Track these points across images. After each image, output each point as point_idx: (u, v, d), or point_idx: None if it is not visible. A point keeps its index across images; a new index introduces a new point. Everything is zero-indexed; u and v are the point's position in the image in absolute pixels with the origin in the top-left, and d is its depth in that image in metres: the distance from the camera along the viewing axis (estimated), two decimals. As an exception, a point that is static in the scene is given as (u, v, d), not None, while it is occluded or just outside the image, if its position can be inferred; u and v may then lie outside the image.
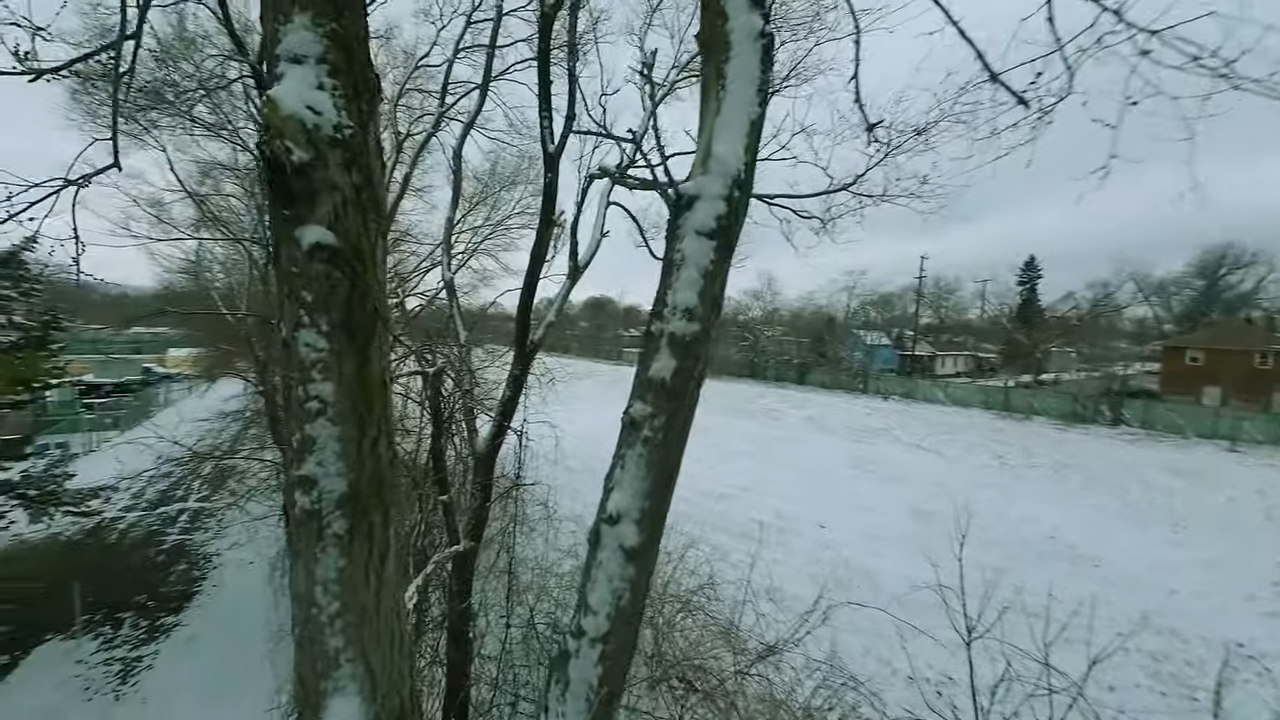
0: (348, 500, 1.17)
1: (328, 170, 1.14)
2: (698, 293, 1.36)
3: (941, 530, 16.12)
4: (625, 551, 1.33)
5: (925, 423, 30.84)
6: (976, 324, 64.18)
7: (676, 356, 1.34)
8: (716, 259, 1.39)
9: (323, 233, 1.15)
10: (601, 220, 7.33)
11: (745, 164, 1.46)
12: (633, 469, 1.36)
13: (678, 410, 1.36)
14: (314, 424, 1.15)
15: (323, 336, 1.16)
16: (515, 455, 6.83)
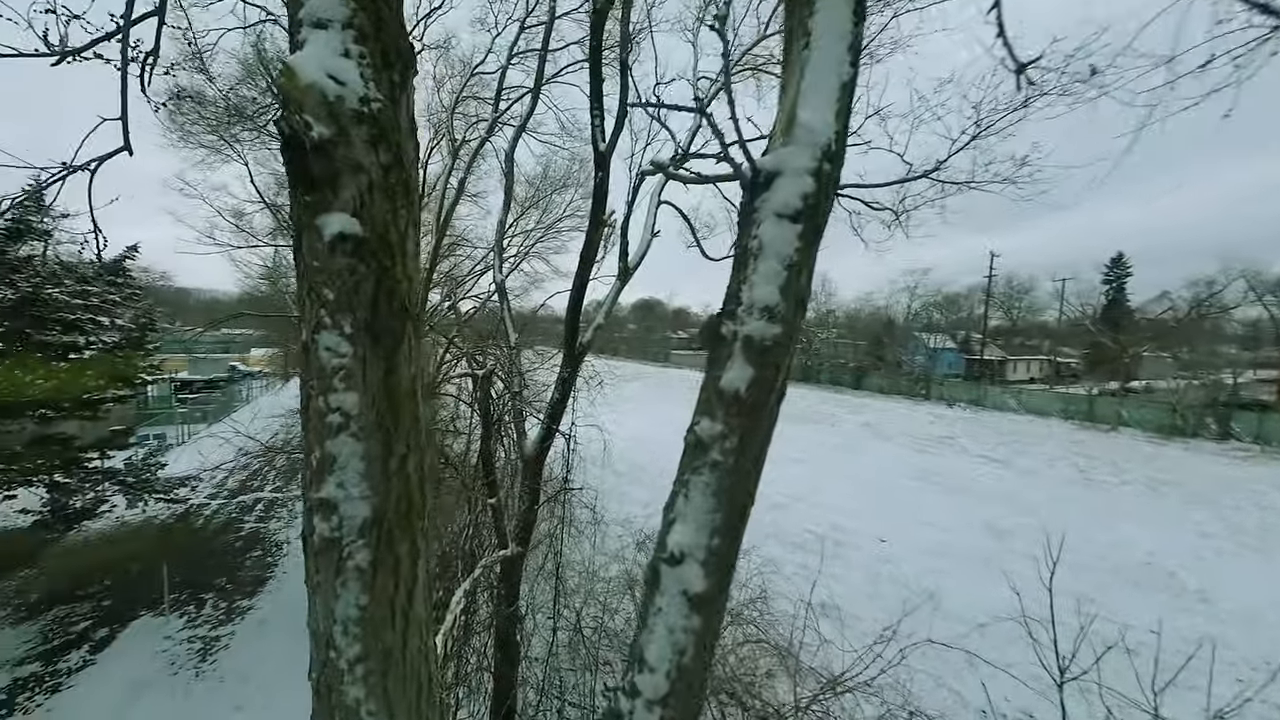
0: (372, 527, 1.02)
1: (352, 148, 0.99)
2: (779, 287, 1.12)
3: (1016, 550, 14.91)
4: (689, 599, 1.11)
5: (995, 432, 28.77)
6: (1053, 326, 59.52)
7: (753, 364, 1.11)
8: (802, 246, 1.14)
9: (346, 221, 1.00)
10: (652, 220, 7.15)
11: (836, 133, 1.20)
12: (698, 499, 1.13)
13: (754, 429, 1.13)
14: (335, 440, 1.01)
15: (345, 340, 1.01)
16: (563, 458, 6.75)
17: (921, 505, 18.22)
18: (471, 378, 5.58)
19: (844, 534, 15.72)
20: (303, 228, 1.01)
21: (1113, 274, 50.71)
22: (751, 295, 1.13)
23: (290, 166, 0.99)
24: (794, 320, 1.13)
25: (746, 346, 1.11)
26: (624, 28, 5.04)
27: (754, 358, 1.11)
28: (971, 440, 26.76)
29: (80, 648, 10.35)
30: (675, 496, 1.19)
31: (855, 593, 12.49)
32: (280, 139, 0.97)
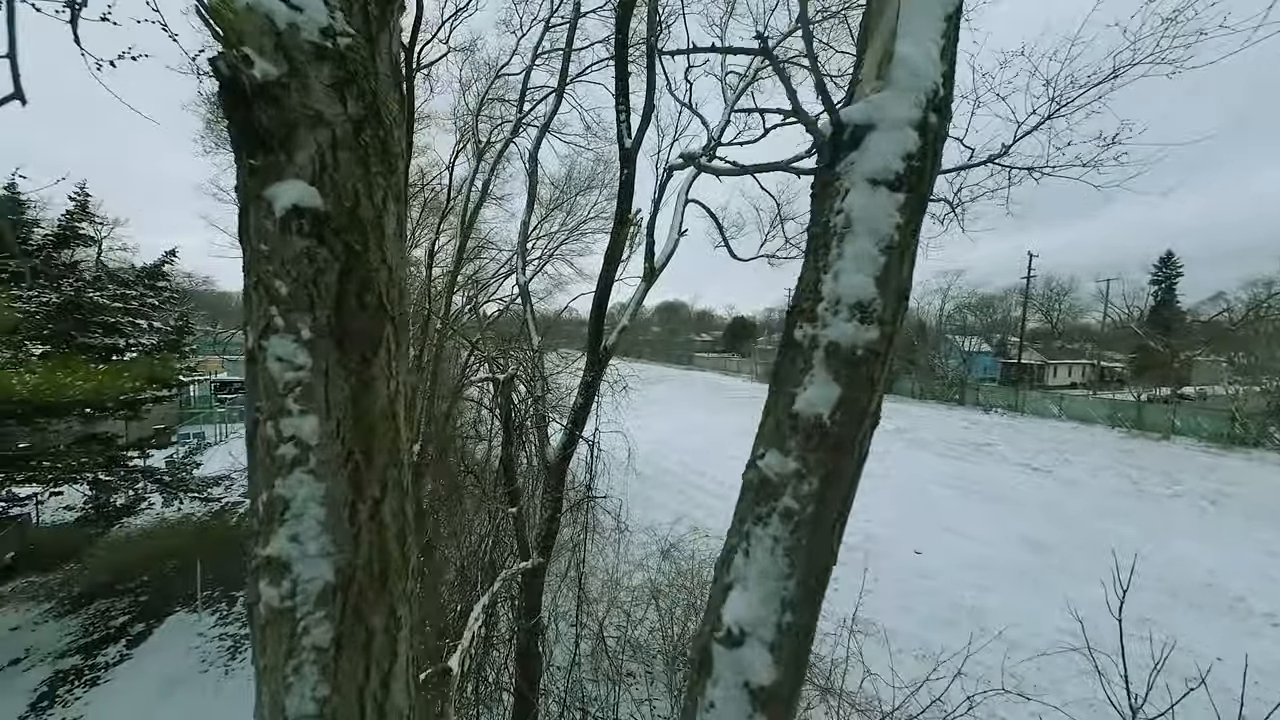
0: (335, 594, 0.77)
1: (309, 94, 0.75)
2: (875, 277, 0.83)
3: (1060, 566, 14.06)
4: (752, 693, 0.82)
5: (1035, 439, 27.49)
6: (1097, 329, 56.93)
7: (841, 381, 0.82)
8: (904, 222, 0.85)
9: (303, 190, 0.76)
10: (679, 219, 6.87)
11: (943, 75, 0.91)
12: (765, 560, 0.85)
13: (840, 467, 0.84)
14: (288, 479, 0.76)
15: (302, 347, 0.77)
16: (586, 465, 6.51)
17: (958, 515, 17.42)
18: (493, 382, 5.40)
19: (876, 544, 15.06)
20: (249, 201, 0.77)
21: (1162, 274, 48.13)
22: (837, 288, 0.84)
23: (231, 120, 0.75)
24: (894, 321, 0.84)
25: (831, 357, 0.82)
26: (651, 12, 4.78)
27: (842, 372, 0.82)
28: (1011, 448, 25.61)
29: (118, 642, 10.59)
30: (732, 553, 0.90)
31: (889, 606, 11.90)
32: (219, 85, 0.73)
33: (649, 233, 6.59)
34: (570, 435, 6.15)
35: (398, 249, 0.86)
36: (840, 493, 0.86)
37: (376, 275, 0.81)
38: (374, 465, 0.81)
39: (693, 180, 7.02)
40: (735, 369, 60.23)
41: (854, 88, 0.96)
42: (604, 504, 6.84)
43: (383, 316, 0.82)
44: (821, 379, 0.82)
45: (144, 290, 11.12)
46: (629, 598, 9.50)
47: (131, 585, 12.31)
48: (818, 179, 0.95)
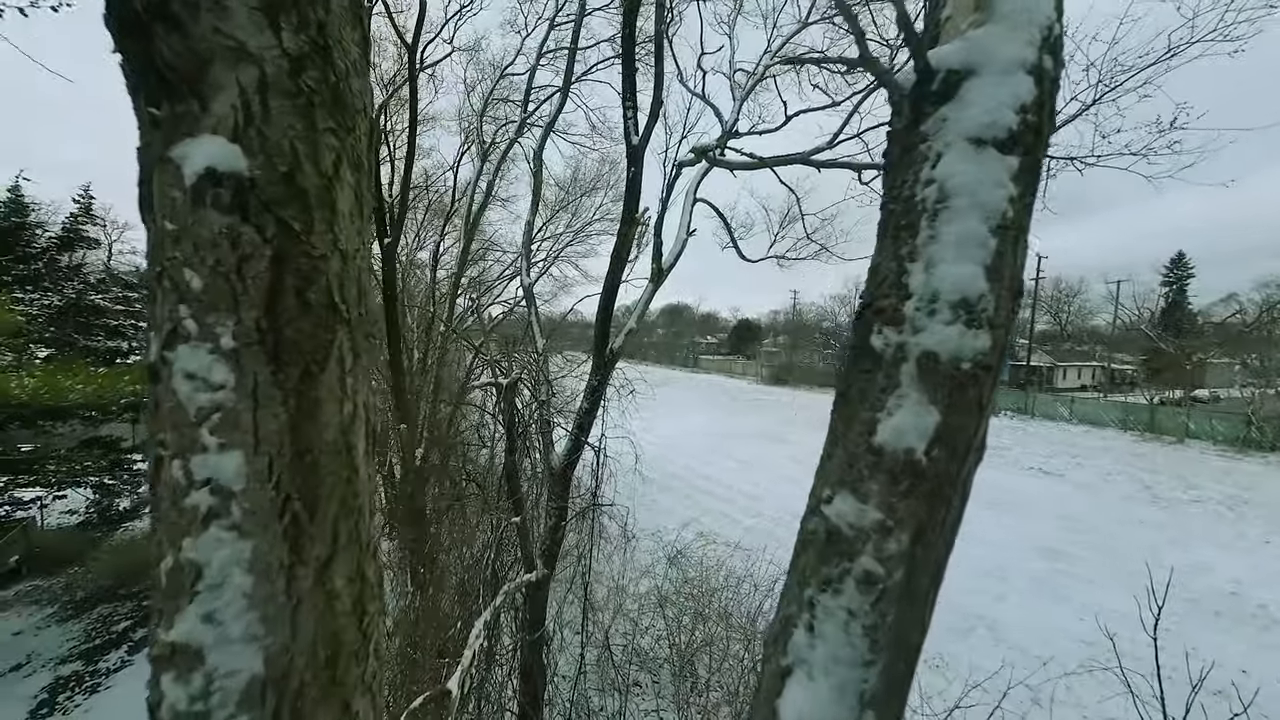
0: (265, 694, 0.57)
1: (227, 17, 0.55)
2: (985, 265, 0.62)
3: (1075, 574, 13.72)
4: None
5: (1046, 442, 27.06)
6: (1106, 331, 56.33)
7: (941, 403, 0.61)
8: (1020, 194, 0.65)
9: (221, 149, 0.56)
10: (688, 218, 6.67)
11: (1056, 10, 0.70)
12: (836, 639, 0.64)
13: (937, 517, 0.63)
14: (201, 537, 0.56)
15: (223, 360, 0.57)
16: (592, 472, 6.31)
17: (971, 520, 16.91)
18: (495, 387, 5.19)
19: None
20: (152, 165, 0.58)
21: (1173, 275, 47.48)
22: (931, 281, 0.64)
23: (124, 54, 0.56)
24: (1006, 325, 0.63)
25: (927, 372, 0.62)
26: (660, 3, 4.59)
27: (941, 391, 0.61)
28: (1022, 451, 25.20)
29: (120, 647, 10.47)
30: (789, 626, 0.69)
31: (901, 616, 11.65)
32: (107, 10, 0.53)
33: (656, 232, 6.39)
34: (575, 441, 5.96)
35: (356, 231, 0.67)
36: (936, 552, 0.65)
37: (324, 265, 0.61)
38: (321, 515, 0.61)
39: (701, 178, 6.83)
40: (740, 371, 59.89)
41: (937, 26, 0.76)
42: (610, 511, 6.63)
43: (333, 319, 0.62)
44: (914, 401, 0.61)
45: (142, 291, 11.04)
46: (635, 605, 9.28)
47: (135, 590, 12.19)
48: (894, 143, 0.74)
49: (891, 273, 0.68)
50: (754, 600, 8.62)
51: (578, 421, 6.10)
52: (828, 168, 3.55)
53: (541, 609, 5.59)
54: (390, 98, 9.00)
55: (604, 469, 6.11)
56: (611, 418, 6.47)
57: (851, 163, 3.44)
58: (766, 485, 20.12)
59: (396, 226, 8.70)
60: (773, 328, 78.49)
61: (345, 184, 0.65)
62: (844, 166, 3.48)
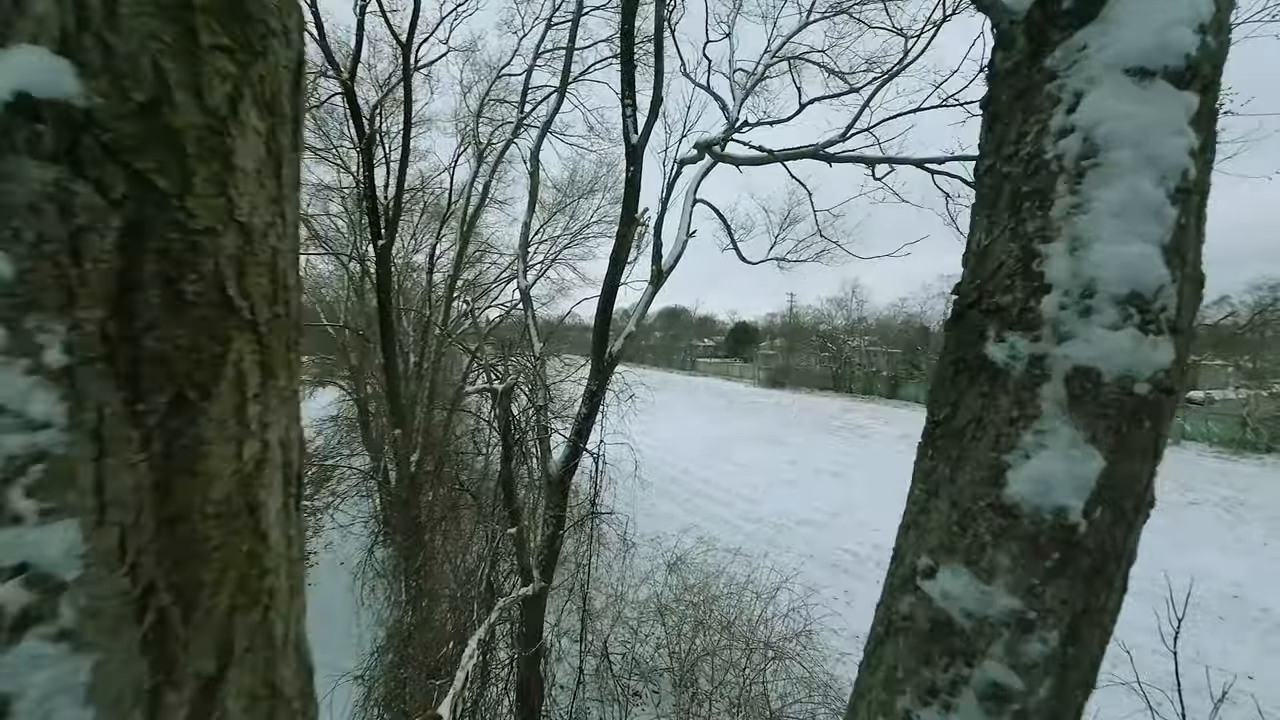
0: None
1: None
2: (1162, 243, 0.43)
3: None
4: None
5: (1044, 445, 26.92)
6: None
7: (1105, 442, 0.42)
8: (1201, 145, 0.45)
9: (41, 65, 0.36)
10: (688, 219, 6.50)
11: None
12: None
13: (1100, 600, 0.44)
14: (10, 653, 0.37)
15: (47, 384, 0.37)
16: (590, 478, 6.10)
17: (969, 524, 16.90)
18: (489, 393, 4.98)
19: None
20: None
21: (1165, 278, 47.58)
22: (1083, 267, 0.45)
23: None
24: (1190, 327, 0.43)
25: (1081, 397, 0.42)
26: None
27: (1106, 424, 0.41)
28: (1019, 454, 25.05)
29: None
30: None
31: (903, 622, 11.44)
32: None
33: (656, 233, 6.22)
34: (574, 448, 5.76)
35: (268, 200, 0.47)
36: (1092, 651, 0.46)
37: (210, 242, 0.42)
38: (204, 612, 0.41)
39: (702, 177, 6.66)
40: (738, 374, 59.77)
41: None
42: (609, 519, 6.42)
43: (225, 322, 0.42)
44: (1064, 439, 0.42)
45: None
46: (635, 613, 9.07)
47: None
48: (1001, 87, 0.55)
49: (1011, 257, 0.49)
50: (755, 608, 8.42)
51: (576, 427, 5.91)
52: (842, 161, 3.37)
53: (539, 622, 5.38)
54: (385, 98, 8.81)
55: (603, 476, 5.91)
56: (610, 423, 6.27)
57: (867, 156, 3.25)
58: (765, 489, 19.92)
59: (391, 228, 8.50)
60: (769, 330, 78.44)
61: (249, 130, 0.45)
62: (861, 160, 3.30)
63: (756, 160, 4.06)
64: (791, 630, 8.10)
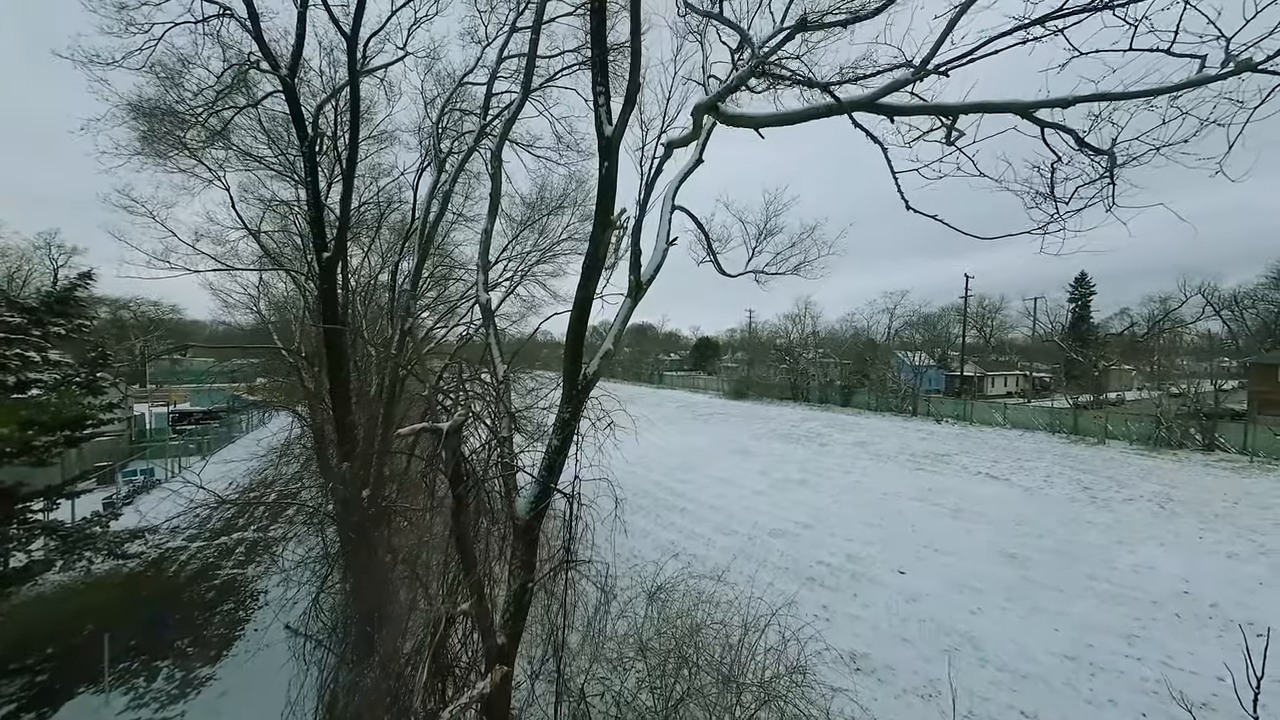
0: None
1: None
2: None
3: (1040, 581, 13.09)
4: None
5: (989, 448, 27.23)
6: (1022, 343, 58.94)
7: None
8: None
9: None
10: (667, 226, 5.53)
11: None
12: None
13: None
14: None
15: None
16: (564, 522, 4.95)
17: (931, 529, 16.45)
18: (431, 432, 3.75)
19: (859, 564, 13.84)
20: None
21: (1077, 293, 50.15)
22: None
23: None
24: None
25: None
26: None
27: None
28: (968, 458, 25.17)
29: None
30: None
31: (883, 636, 10.60)
32: None
33: (634, 240, 5.22)
34: (543, 487, 4.61)
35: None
36: None
37: None
38: None
39: (684, 178, 5.72)
40: (703, 386, 59.35)
41: None
42: (587, 571, 5.28)
43: None
44: None
45: (49, 319, 9.00)
46: (614, 649, 7.88)
47: (31, 661, 9.80)
48: None
49: None
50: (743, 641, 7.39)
51: (546, 462, 4.77)
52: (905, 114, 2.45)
53: (506, 706, 4.16)
54: (332, 97, 7.58)
55: (578, 520, 4.78)
56: (586, 454, 5.15)
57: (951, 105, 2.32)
58: (737, 500, 19.03)
59: (339, 239, 7.21)
60: (730, 345, 78.82)
61: None
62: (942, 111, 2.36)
63: (784, 120, 3.00)
64: (784, 667, 7.05)
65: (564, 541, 4.71)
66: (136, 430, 27.59)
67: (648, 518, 17.51)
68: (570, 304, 4.74)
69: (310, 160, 6.98)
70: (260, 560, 14.49)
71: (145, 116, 9.28)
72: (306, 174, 7.01)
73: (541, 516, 4.77)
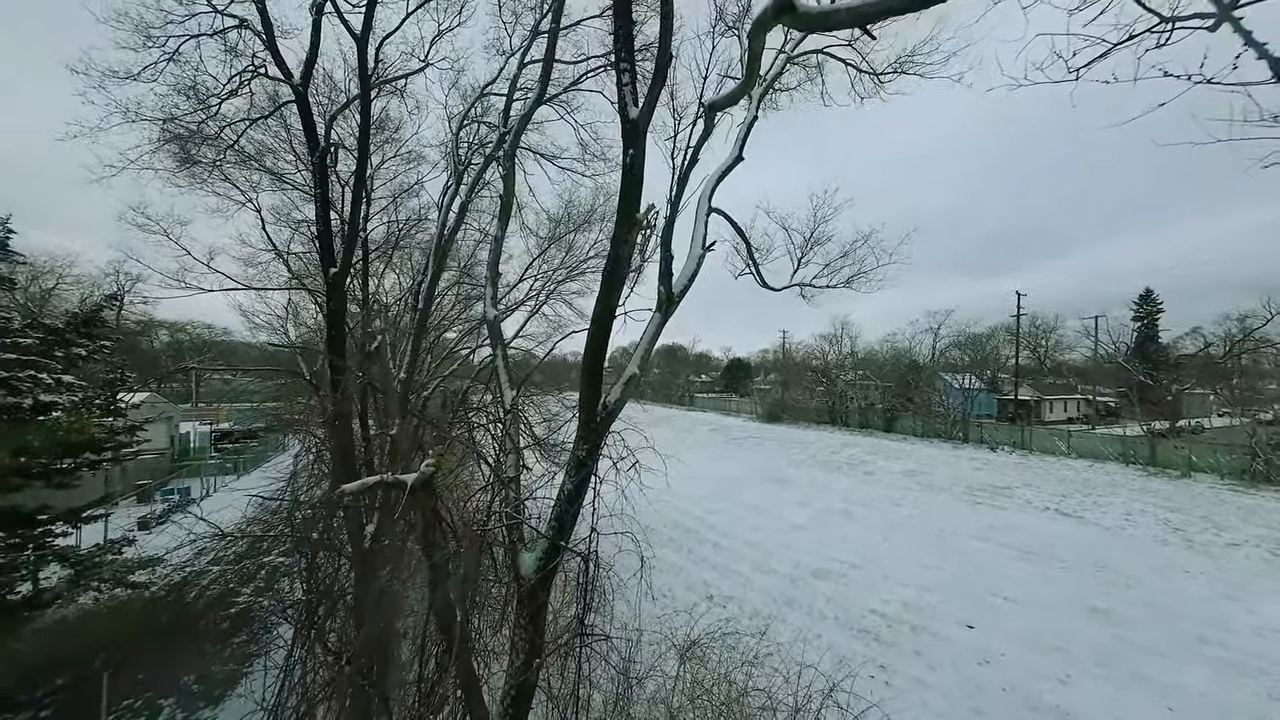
0: None
1: None
2: None
3: (1137, 642, 11.09)
4: None
5: (1054, 479, 24.74)
6: (1081, 365, 54.87)
7: None
8: None
9: None
10: (703, 230, 4.70)
11: None
12: None
13: None
14: None
15: None
16: (577, 584, 4.06)
17: (999, 573, 14.59)
18: (392, 488, 2.89)
19: (918, 615, 12.22)
20: None
21: (1143, 310, 46.41)
22: None
23: None
24: None
25: None
26: None
27: None
28: (1031, 490, 22.85)
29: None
30: None
31: (957, 708, 9.05)
32: None
33: (664, 245, 4.40)
34: (553, 545, 3.74)
35: None
36: None
37: None
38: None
39: (721, 178, 4.91)
40: (735, 409, 57.64)
41: None
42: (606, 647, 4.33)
43: None
44: None
45: (75, 340, 8.92)
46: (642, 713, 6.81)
47: (39, 694, 9.45)
48: None
49: None
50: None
51: (556, 512, 3.92)
52: None
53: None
54: (346, 107, 7.25)
55: (594, 585, 3.88)
56: (606, 499, 4.27)
57: None
58: (775, 534, 17.58)
59: (347, 254, 6.72)
60: (763, 366, 76.76)
61: None
62: None
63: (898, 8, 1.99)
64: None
65: (578, 611, 3.80)
66: (179, 448, 28.36)
67: (678, 552, 16.30)
68: (593, 321, 3.94)
69: (320, 172, 6.54)
70: (282, 585, 14.08)
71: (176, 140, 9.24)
72: (316, 186, 6.58)
73: (551, 578, 3.90)
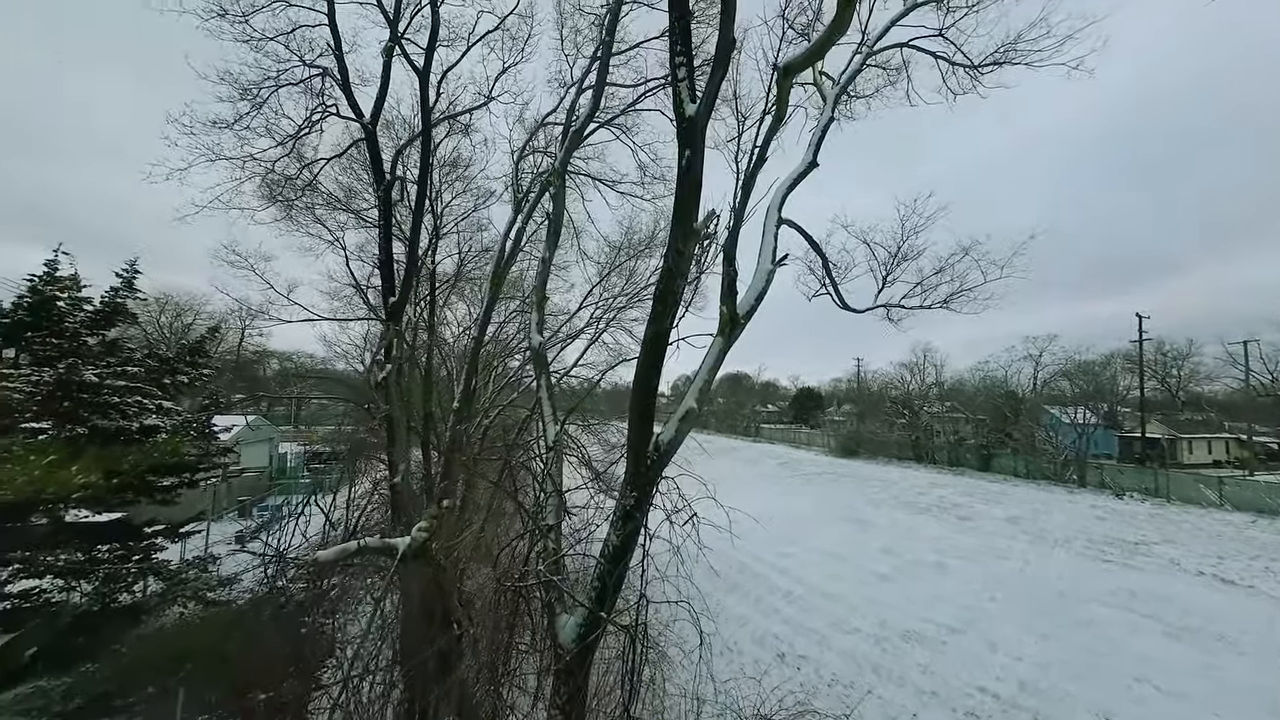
0: None
1: None
2: None
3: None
4: None
5: (1205, 536, 20.56)
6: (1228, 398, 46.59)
7: None
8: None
9: None
10: (772, 243, 4.08)
11: None
12: None
13: None
14: None
15: None
16: (622, 658, 3.38)
17: (1142, 654, 11.89)
18: (379, 553, 2.14)
19: (1040, 699, 10.07)
20: None
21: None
22: None
23: None
24: None
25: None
26: None
27: None
28: (1176, 548, 19.04)
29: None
30: None
31: (1107, 836, 7.11)
32: None
33: (728, 260, 3.82)
34: (593, 617, 3.13)
35: None
36: None
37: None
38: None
39: (792, 185, 4.31)
40: (806, 441, 54.44)
41: None
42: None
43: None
44: None
45: (181, 368, 9.80)
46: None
47: (129, 700, 10.01)
48: None
49: None
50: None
51: (597, 573, 3.34)
52: None
53: None
54: (411, 143, 7.48)
55: (642, 658, 3.19)
56: (658, 557, 3.62)
57: None
58: (857, 585, 15.65)
59: (405, 282, 6.75)
60: (835, 396, 72.41)
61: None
62: None
63: None
64: None
65: (622, 698, 3.13)
66: (277, 467, 30.93)
67: (745, 600, 14.93)
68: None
69: (385, 204, 6.67)
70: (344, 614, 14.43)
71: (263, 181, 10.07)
72: (380, 219, 6.70)
73: (591, 652, 3.27)
